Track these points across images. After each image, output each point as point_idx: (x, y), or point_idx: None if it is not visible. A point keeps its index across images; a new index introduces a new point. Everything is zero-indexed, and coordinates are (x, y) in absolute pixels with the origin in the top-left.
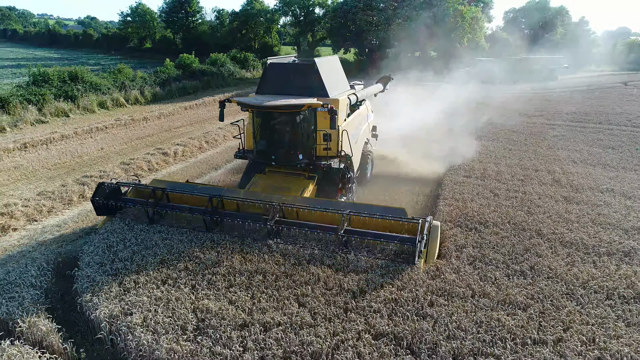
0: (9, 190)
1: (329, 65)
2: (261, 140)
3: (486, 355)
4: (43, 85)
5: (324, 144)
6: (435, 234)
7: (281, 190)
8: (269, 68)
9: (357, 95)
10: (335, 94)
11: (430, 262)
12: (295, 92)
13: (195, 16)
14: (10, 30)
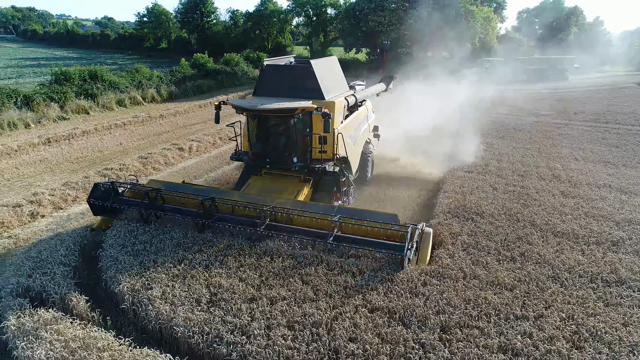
0: (36, 181)
1: (327, 66)
2: (256, 142)
3: (471, 328)
4: (65, 83)
5: (319, 147)
6: (427, 241)
7: (275, 193)
8: (266, 70)
9: (357, 97)
10: (331, 95)
11: (421, 267)
12: (292, 94)
13: (210, 17)
14: (30, 30)
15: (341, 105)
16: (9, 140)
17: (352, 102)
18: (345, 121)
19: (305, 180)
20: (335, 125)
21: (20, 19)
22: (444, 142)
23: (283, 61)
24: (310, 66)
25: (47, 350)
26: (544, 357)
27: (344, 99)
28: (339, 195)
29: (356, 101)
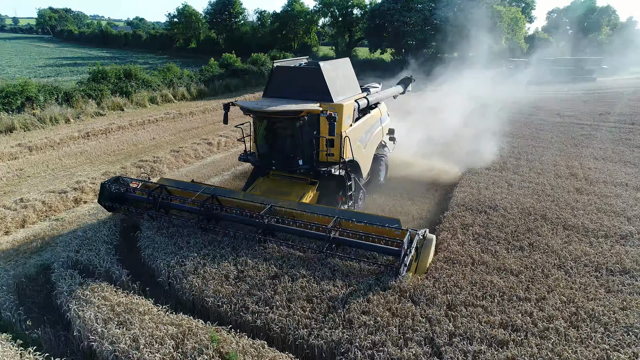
0: (77, 171)
1: (337, 69)
2: (262, 144)
3: (475, 306)
4: (101, 81)
5: (326, 150)
6: (429, 248)
7: (280, 195)
8: (275, 71)
9: (369, 99)
10: (341, 98)
11: (421, 275)
12: (300, 96)
13: (238, 17)
14: (66, 31)
15: (350, 108)
16: (52, 133)
17: (364, 104)
18: (355, 124)
19: (312, 183)
20: (344, 128)
21: (57, 20)
22: (464, 143)
23: (293, 63)
24: (319, 68)
25: (95, 312)
26: (541, 334)
27: (354, 102)
28: (344, 199)
29: (368, 104)
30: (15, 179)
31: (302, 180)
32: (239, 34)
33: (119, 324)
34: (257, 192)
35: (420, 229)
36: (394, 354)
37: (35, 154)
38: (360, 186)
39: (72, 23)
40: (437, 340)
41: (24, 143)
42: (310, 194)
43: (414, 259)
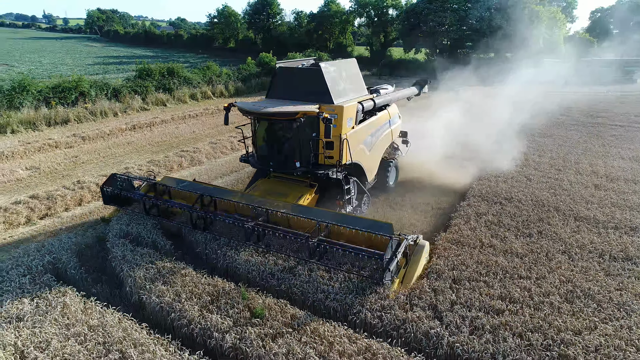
0: (125, 159)
1: (340, 69)
2: (261, 145)
3: (478, 281)
4: (146, 78)
5: (326, 152)
6: (419, 255)
7: (278, 196)
8: (278, 72)
9: (375, 101)
10: (343, 100)
11: (408, 285)
12: (302, 97)
13: (276, 17)
14: (112, 31)
15: (352, 110)
16: (102, 126)
17: (369, 106)
18: (358, 126)
19: (311, 185)
20: (344, 130)
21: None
22: (490, 142)
23: (296, 64)
24: (319, 69)
25: (144, 273)
26: (536, 306)
27: (356, 104)
28: (342, 202)
29: (375, 106)
30: (71, 164)
31: (302, 183)
32: (276, 34)
33: (164, 282)
34: (255, 193)
35: (412, 234)
36: (399, 315)
37: (88, 143)
38: (364, 190)
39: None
40: (440, 307)
41: (78, 133)
42: (308, 197)
43: (403, 265)
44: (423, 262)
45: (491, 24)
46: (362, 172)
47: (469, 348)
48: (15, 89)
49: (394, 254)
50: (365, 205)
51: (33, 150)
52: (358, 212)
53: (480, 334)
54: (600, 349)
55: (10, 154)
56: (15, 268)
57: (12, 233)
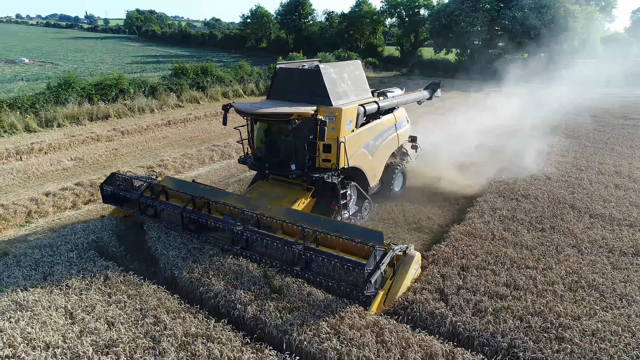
0: (161, 152)
1: (341, 71)
2: (257, 147)
3: (485, 269)
4: (181, 77)
5: (323, 155)
6: (407, 266)
7: (274, 199)
8: (278, 73)
9: (380, 104)
10: (342, 102)
11: (393, 298)
12: (301, 99)
13: (307, 18)
14: (150, 31)
15: (352, 112)
16: (140, 121)
17: (372, 109)
18: (358, 130)
19: (308, 189)
20: (343, 133)
21: (142, 21)
22: (515, 143)
23: (297, 65)
24: (318, 70)
25: (176, 252)
26: (539, 293)
27: (357, 106)
28: (337, 207)
29: (379, 109)
30: (111, 156)
31: (299, 186)
32: (308, 34)
33: (194, 260)
34: (252, 196)
35: (401, 244)
36: (409, 298)
37: (127, 137)
38: (365, 195)
39: (156, 24)
40: (446, 291)
41: (117, 128)
42: (304, 200)
43: (390, 277)
44: (412, 274)
45: (525, 24)
46: (364, 176)
47: (470, 327)
48: (61, 86)
49: (377, 265)
50: (367, 211)
51: (77, 142)
52: (358, 218)
53: (482, 316)
54: (596, 333)
55: (57, 146)
56: (64, 244)
57: (60, 215)
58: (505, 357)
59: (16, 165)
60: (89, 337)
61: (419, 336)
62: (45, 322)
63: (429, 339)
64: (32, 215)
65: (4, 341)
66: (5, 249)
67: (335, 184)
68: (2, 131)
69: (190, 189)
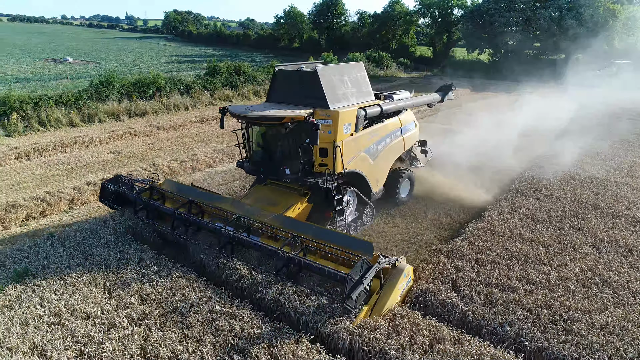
0: (194, 147)
1: (341, 73)
2: (252, 150)
3: (500, 264)
4: (215, 76)
5: (319, 160)
6: (395, 280)
7: (268, 205)
8: (277, 75)
9: (383, 107)
10: (340, 105)
11: (378, 313)
12: (299, 101)
13: (340, 18)
14: (187, 31)
15: (351, 115)
16: (175, 118)
17: (374, 112)
18: (358, 133)
19: (304, 194)
20: (340, 137)
21: (179, 22)
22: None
23: (293, 67)
24: (315, 72)
25: (203, 240)
26: (551, 287)
27: (357, 109)
28: (331, 214)
29: (382, 112)
30: (148, 150)
31: (296, 191)
32: (340, 34)
33: None
34: (247, 201)
35: (391, 256)
36: (422, 287)
37: (162, 132)
38: (367, 202)
39: (192, 24)
40: (459, 282)
41: (154, 124)
42: (299, 206)
43: (377, 290)
44: (400, 288)
45: (561, 24)
46: (365, 182)
47: (480, 316)
48: (102, 84)
49: (360, 279)
50: (368, 217)
51: (116, 137)
52: (358, 225)
53: (492, 306)
54: (605, 327)
55: (97, 140)
56: (104, 229)
57: (100, 203)
58: (511, 345)
59: (61, 157)
60: (124, 310)
61: (429, 322)
62: (86, 296)
63: (438, 325)
64: (75, 202)
65: (50, 310)
66: (52, 231)
67: (330, 190)
68: (49, 125)
69: (188, 192)
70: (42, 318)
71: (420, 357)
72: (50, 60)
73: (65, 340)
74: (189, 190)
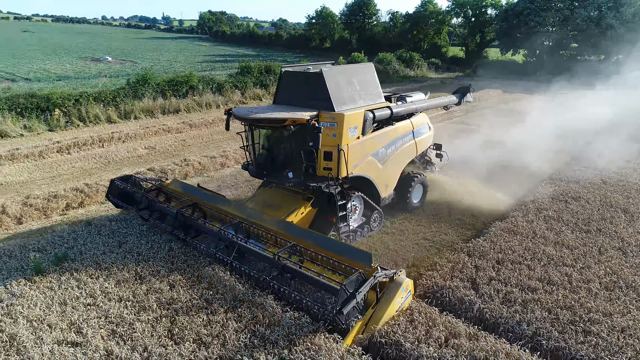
0: (224, 144)
1: (348, 75)
2: (256, 153)
3: (520, 263)
4: (246, 75)
5: (324, 164)
6: (393, 293)
7: (271, 209)
8: (283, 77)
9: (393, 110)
10: (346, 107)
11: (373, 328)
12: (304, 103)
13: (372, 18)
14: (220, 31)
15: (357, 118)
16: (206, 115)
17: (384, 115)
18: (365, 137)
19: (308, 198)
20: (346, 140)
21: (214, 22)
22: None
23: (299, 69)
24: (320, 74)
25: None
26: (574, 289)
27: (364, 112)
28: (334, 220)
29: (392, 115)
30: (180, 146)
31: (300, 195)
32: (371, 34)
33: None
34: (250, 204)
35: (389, 269)
36: (440, 284)
37: (194, 129)
38: (375, 207)
39: (226, 24)
40: (478, 281)
41: (186, 121)
42: (302, 210)
43: (373, 305)
44: (398, 303)
45: (600, 23)
46: (373, 187)
47: (497, 314)
48: (138, 82)
49: (354, 293)
50: (376, 223)
51: (150, 133)
52: (365, 230)
53: (511, 305)
54: (626, 330)
55: (133, 135)
56: (137, 219)
57: None
58: (528, 343)
59: (99, 151)
60: (154, 294)
61: (446, 318)
62: (119, 280)
63: (455, 321)
64: None
65: (86, 292)
66: (89, 220)
67: (333, 194)
68: (88, 121)
69: (193, 193)
70: (79, 299)
71: (435, 351)
72: (91, 59)
73: (99, 320)
74: (195, 192)
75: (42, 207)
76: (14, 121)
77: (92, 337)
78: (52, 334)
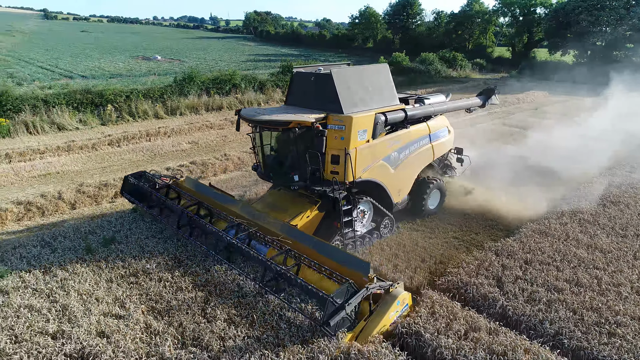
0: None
1: (360, 76)
2: (263, 155)
3: (548, 264)
4: (287, 74)
5: (331, 167)
6: (387, 306)
7: (277, 212)
8: (295, 78)
9: (408, 113)
10: (356, 109)
11: (363, 341)
12: (314, 105)
13: (416, 18)
14: (265, 31)
15: (367, 121)
16: None
17: (398, 118)
18: (375, 140)
19: (315, 202)
20: (354, 144)
21: (259, 22)
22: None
23: (311, 70)
24: (329, 75)
25: None
26: (602, 292)
27: (375, 115)
28: (339, 225)
29: (406, 118)
30: (221, 141)
31: (308, 198)
32: (414, 34)
33: None
34: (257, 206)
35: (385, 281)
36: (464, 280)
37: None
38: (386, 213)
39: (270, 24)
40: (503, 279)
41: (228, 118)
42: (308, 214)
43: (365, 317)
44: (392, 317)
45: None
46: (384, 192)
47: (520, 312)
48: (185, 80)
49: (343, 304)
50: (387, 229)
51: (194, 129)
52: (374, 236)
53: (535, 304)
54: None
55: (178, 131)
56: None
57: None
58: (549, 341)
59: (146, 145)
60: (190, 277)
61: (467, 312)
62: (159, 263)
63: (476, 316)
64: None
65: (130, 271)
66: (135, 208)
67: (337, 199)
68: (137, 116)
69: (203, 192)
70: (123, 277)
71: (454, 342)
72: (142, 58)
73: (140, 297)
74: (205, 191)
75: (93, 195)
76: (71, 115)
77: (133, 311)
78: (99, 307)
